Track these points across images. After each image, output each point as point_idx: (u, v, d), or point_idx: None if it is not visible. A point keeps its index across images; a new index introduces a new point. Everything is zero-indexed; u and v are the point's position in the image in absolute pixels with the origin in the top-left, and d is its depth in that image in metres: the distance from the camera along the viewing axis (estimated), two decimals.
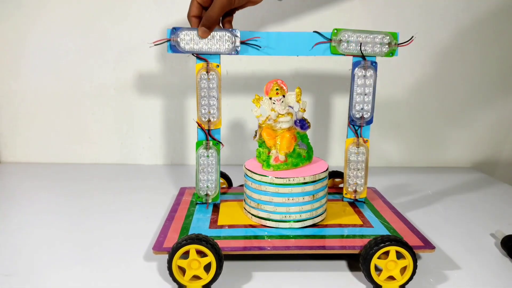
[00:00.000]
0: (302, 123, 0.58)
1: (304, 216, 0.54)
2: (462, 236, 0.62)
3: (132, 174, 0.90)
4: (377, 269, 0.48)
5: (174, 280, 0.46)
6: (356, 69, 0.59)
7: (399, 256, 0.47)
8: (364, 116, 0.61)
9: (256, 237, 0.52)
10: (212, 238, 0.47)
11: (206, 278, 0.46)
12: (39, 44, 0.90)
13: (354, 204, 0.64)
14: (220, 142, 0.61)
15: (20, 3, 0.88)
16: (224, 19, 0.60)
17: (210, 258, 0.45)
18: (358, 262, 0.48)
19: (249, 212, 0.57)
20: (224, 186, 0.72)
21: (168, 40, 0.56)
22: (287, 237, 0.52)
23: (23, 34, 0.90)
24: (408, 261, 0.47)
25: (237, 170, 0.73)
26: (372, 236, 0.51)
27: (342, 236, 0.52)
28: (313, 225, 0.55)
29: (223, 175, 0.72)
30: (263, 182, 0.54)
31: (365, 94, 0.60)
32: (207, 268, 0.46)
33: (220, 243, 0.49)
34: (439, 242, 0.59)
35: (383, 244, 0.46)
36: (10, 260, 0.52)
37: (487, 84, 0.97)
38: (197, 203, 0.63)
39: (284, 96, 0.56)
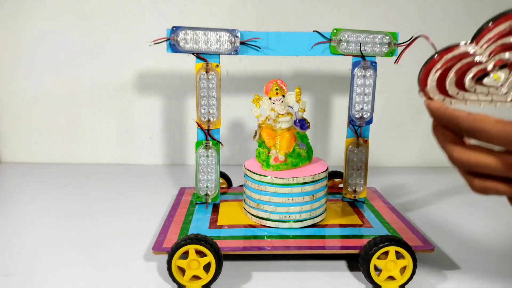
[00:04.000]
0: (302, 123, 0.58)
1: (303, 216, 0.54)
2: (462, 236, 0.62)
3: (132, 174, 0.90)
4: (377, 269, 0.48)
5: (174, 280, 0.46)
6: (356, 69, 0.59)
7: (399, 256, 0.47)
8: (364, 116, 0.61)
9: (255, 237, 0.52)
10: (212, 238, 0.47)
11: (206, 278, 0.46)
12: (39, 44, 0.90)
13: (354, 204, 0.64)
14: (220, 142, 0.61)
15: (19, 3, 0.88)
16: None
17: (210, 258, 0.45)
18: (358, 262, 0.48)
19: (248, 212, 0.57)
20: (224, 186, 0.72)
21: (168, 39, 0.56)
22: (287, 237, 0.52)
23: (23, 34, 0.90)
24: (407, 261, 0.46)
25: (237, 170, 0.73)
26: (371, 236, 0.51)
27: (341, 236, 0.52)
28: (313, 225, 0.55)
29: (222, 175, 0.72)
30: (262, 182, 0.54)
31: (365, 94, 0.60)
32: (206, 268, 0.46)
33: (220, 243, 0.49)
34: (439, 242, 0.59)
35: (382, 245, 0.46)
36: (10, 260, 0.52)
37: None
38: (196, 203, 0.63)
39: (283, 96, 0.56)
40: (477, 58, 0.27)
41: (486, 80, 0.28)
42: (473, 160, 0.28)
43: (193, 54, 0.57)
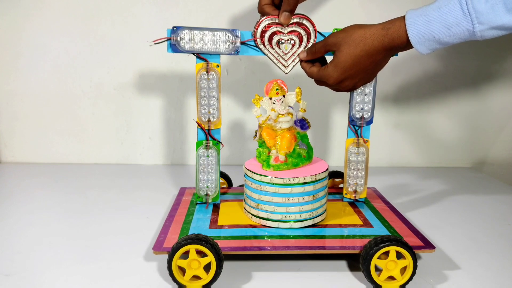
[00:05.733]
0: (302, 123, 0.58)
1: (304, 216, 0.54)
2: (462, 236, 0.62)
3: (132, 174, 0.90)
4: (377, 269, 0.48)
5: (174, 280, 0.46)
6: None
7: (399, 256, 0.47)
8: (364, 116, 0.61)
9: (256, 237, 0.52)
10: (212, 238, 0.47)
11: (206, 278, 0.46)
12: (39, 44, 0.90)
13: (354, 204, 0.64)
14: (220, 142, 0.61)
15: (19, 3, 0.88)
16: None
17: (210, 258, 0.45)
18: (358, 262, 0.48)
19: (249, 212, 0.57)
20: (224, 186, 0.72)
21: (168, 39, 0.56)
22: (287, 237, 0.52)
23: (23, 34, 0.90)
24: (408, 261, 0.47)
25: (237, 170, 0.73)
26: (372, 236, 0.51)
27: (342, 236, 0.52)
28: (313, 225, 0.55)
29: (223, 175, 0.72)
30: (263, 182, 0.54)
31: (365, 94, 0.60)
32: (207, 268, 0.46)
33: (220, 243, 0.49)
34: (439, 242, 0.59)
35: (383, 244, 0.46)
36: (10, 260, 0.52)
37: (487, 84, 0.97)
38: (197, 203, 0.63)
39: (284, 96, 0.56)
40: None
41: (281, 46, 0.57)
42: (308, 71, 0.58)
43: (193, 54, 0.57)
